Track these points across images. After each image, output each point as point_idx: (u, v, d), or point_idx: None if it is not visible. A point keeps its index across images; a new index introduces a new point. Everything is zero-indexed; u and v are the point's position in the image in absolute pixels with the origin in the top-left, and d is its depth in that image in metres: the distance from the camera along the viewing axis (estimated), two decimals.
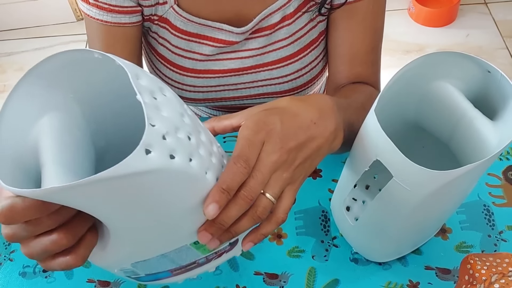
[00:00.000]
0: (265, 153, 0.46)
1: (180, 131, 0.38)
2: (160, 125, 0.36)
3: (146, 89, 0.37)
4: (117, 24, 0.71)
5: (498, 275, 0.52)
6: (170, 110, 0.38)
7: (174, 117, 0.38)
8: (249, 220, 0.46)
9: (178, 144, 0.37)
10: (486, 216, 0.68)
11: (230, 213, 0.44)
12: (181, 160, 0.37)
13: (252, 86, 0.80)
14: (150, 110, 0.35)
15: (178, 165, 0.36)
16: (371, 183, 0.66)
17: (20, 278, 0.66)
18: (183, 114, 0.40)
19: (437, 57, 0.52)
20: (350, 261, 0.65)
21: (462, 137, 0.56)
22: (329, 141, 0.52)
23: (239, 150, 0.45)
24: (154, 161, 0.34)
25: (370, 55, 0.74)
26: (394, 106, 0.56)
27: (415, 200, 0.50)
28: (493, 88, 0.52)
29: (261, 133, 0.46)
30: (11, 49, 2.21)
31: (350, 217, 0.61)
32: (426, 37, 2.08)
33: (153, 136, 0.35)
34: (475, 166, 0.46)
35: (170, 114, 0.37)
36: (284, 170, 0.48)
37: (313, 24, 0.75)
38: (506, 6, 2.16)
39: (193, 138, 0.39)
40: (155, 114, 0.36)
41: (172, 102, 0.39)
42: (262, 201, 0.46)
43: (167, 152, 0.35)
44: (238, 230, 0.46)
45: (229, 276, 0.64)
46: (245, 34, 0.74)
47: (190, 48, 0.75)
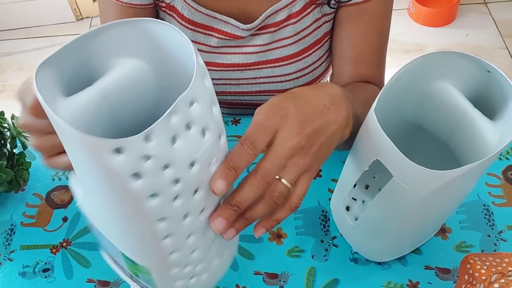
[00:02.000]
0: (282, 138, 0.45)
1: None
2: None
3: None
4: (128, 5, 0.72)
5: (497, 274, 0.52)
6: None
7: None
8: (265, 205, 0.45)
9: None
10: (486, 216, 0.68)
11: (245, 195, 0.43)
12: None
13: (254, 83, 0.80)
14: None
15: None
16: (371, 183, 0.66)
17: (20, 278, 0.66)
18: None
19: (436, 57, 0.52)
20: (349, 261, 0.65)
21: (462, 137, 0.56)
22: (342, 128, 0.51)
23: (248, 133, 0.44)
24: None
25: (375, 56, 0.74)
26: (394, 106, 0.56)
27: (415, 200, 0.50)
28: (493, 88, 0.52)
29: (275, 118, 0.45)
30: (11, 49, 2.21)
31: (350, 217, 0.61)
32: (426, 36, 2.08)
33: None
34: (474, 166, 0.46)
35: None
36: (302, 156, 0.46)
37: (318, 24, 0.75)
38: (506, 6, 2.16)
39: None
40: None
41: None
42: (278, 187, 0.45)
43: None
44: (253, 216, 0.45)
45: (229, 276, 0.64)
46: (251, 31, 0.74)
47: (196, 39, 0.76)
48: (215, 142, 0.39)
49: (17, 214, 0.73)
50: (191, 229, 0.42)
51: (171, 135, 0.35)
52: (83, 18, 2.30)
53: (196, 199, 0.40)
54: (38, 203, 0.74)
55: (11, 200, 0.74)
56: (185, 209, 0.40)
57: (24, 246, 0.69)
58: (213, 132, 0.38)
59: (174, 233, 0.41)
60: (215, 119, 0.39)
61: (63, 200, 0.74)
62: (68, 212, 0.72)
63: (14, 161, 0.71)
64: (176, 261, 0.44)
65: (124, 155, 0.34)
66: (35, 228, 0.71)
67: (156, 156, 0.35)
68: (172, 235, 0.41)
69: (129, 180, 0.35)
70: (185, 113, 0.36)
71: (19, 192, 0.75)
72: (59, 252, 0.68)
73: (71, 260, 0.67)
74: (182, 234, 0.42)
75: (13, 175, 0.71)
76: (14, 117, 0.74)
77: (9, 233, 0.71)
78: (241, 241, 0.67)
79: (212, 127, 0.38)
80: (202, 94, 0.37)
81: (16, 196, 0.75)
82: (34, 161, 0.77)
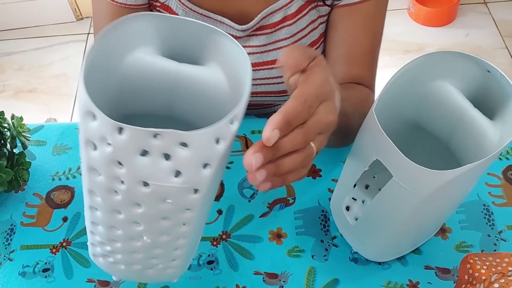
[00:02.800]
0: (326, 109, 0.45)
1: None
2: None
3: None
4: (122, 5, 0.72)
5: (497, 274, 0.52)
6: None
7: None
8: (295, 159, 0.44)
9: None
10: (486, 216, 0.68)
11: (286, 144, 0.42)
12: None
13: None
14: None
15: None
16: (371, 183, 0.66)
17: (20, 278, 0.66)
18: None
19: (436, 56, 0.52)
20: (349, 260, 0.65)
21: (462, 137, 0.56)
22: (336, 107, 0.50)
23: (311, 88, 0.43)
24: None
25: (367, 58, 0.74)
26: (394, 106, 0.56)
27: (415, 199, 0.50)
28: (493, 87, 0.52)
29: (328, 87, 0.45)
30: (11, 49, 2.21)
31: (350, 216, 0.61)
32: (426, 36, 2.08)
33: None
34: (474, 166, 0.46)
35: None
36: (327, 132, 0.46)
37: (314, 26, 0.75)
38: (506, 5, 2.16)
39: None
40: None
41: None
42: (309, 148, 0.45)
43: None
44: (283, 164, 0.44)
45: (229, 276, 0.64)
46: (246, 32, 0.74)
47: None
48: (184, 190, 0.39)
49: (17, 214, 0.73)
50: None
51: (215, 138, 0.38)
52: (83, 18, 2.30)
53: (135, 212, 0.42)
54: (38, 203, 0.74)
55: (11, 200, 0.74)
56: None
57: (24, 246, 0.69)
58: (188, 177, 0.39)
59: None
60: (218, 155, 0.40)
61: (63, 200, 0.74)
62: (68, 212, 0.72)
63: (14, 161, 0.71)
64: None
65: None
66: (35, 228, 0.71)
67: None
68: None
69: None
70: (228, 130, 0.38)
71: (19, 192, 0.75)
72: (59, 252, 0.68)
73: (71, 260, 0.67)
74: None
75: (13, 175, 0.71)
76: (14, 117, 0.74)
77: (9, 233, 0.71)
78: (241, 241, 0.67)
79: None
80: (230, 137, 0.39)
81: (16, 196, 0.75)
82: (34, 161, 0.78)
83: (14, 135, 0.73)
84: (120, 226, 0.43)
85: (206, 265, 0.66)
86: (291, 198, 0.71)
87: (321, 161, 0.74)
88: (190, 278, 0.65)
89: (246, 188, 0.72)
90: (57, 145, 0.80)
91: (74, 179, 0.76)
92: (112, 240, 0.46)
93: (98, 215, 0.43)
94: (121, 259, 0.49)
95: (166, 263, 0.50)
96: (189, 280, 0.64)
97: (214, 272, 0.65)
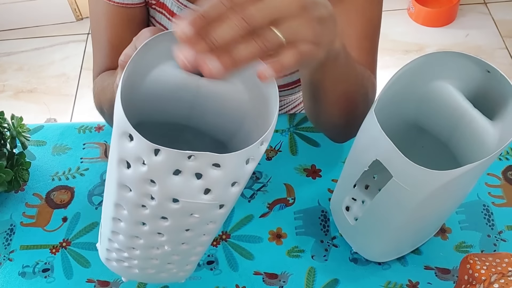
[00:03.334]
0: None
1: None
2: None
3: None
4: (120, 4, 0.72)
5: (497, 275, 0.52)
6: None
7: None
8: (250, 44, 0.38)
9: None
10: (486, 216, 0.68)
11: (218, 30, 0.37)
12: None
13: None
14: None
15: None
16: (371, 183, 0.66)
17: (20, 278, 0.66)
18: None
19: (436, 57, 0.52)
20: (349, 261, 0.65)
21: (462, 137, 0.56)
22: (335, 20, 0.46)
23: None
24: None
25: (363, 42, 0.73)
26: (394, 106, 0.56)
27: (415, 200, 0.50)
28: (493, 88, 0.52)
29: None
30: (11, 49, 2.21)
31: (350, 217, 0.61)
32: (426, 37, 2.08)
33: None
34: (474, 166, 0.46)
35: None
36: (301, 17, 0.41)
37: None
38: (506, 6, 2.16)
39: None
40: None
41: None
42: (267, 33, 0.39)
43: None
44: (239, 53, 0.38)
45: (229, 276, 0.64)
46: None
47: None
48: (211, 206, 0.41)
49: (17, 214, 0.73)
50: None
51: (246, 159, 0.39)
52: (83, 18, 2.30)
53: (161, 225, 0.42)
54: (38, 203, 0.74)
55: (11, 200, 0.74)
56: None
57: (24, 246, 0.69)
58: (219, 196, 0.40)
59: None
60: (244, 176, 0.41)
61: (63, 200, 0.74)
62: (68, 212, 0.72)
63: (14, 161, 0.71)
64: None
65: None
66: (35, 228, 0.71)
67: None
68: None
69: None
70: (256, 152, 0.39)
71: (19, 192, 0.75)
72: (58, 252, 0.68)
73: (70, 260, 0.67)
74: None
75: (13, 175, 0.71)
76: (14, 117, 0.74)
77: (9, 233, 0.71)
78: (241, 241, 0.67)
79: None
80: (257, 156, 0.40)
81: (16, 196, 0.75)
82: (34, 161, 0.77)
83: (14, 135, 0.73)
84: (143, 236, 0.44)
85: (206, 265, 0.66)
86: (291, 198, 0.71)
87: (321, 161, 0.74)
88: (190, 278, 0.65)
89: (246, 188, 0.72)
90: (57, 145, 0.80)
91: (74, 179, 0.76)
92: (131, 247, 0.47)
93: (121, 226, 0.44)
94: (137, 264, 0.49)
95: (180, 268, 0.51)
96: (189, 280, 0.64)
97: (214, 272, 0.65)
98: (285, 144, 0.77)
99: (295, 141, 0.77)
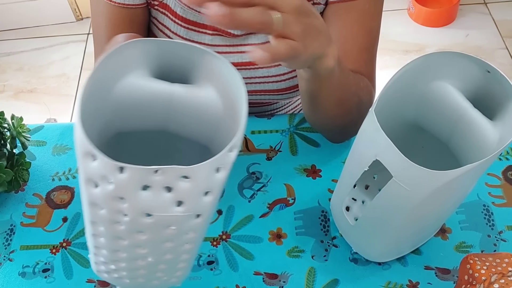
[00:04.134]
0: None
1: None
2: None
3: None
4: (120, 5, 0.72)
5: (497, 275, 0.52)
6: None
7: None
8: (250, 10, 0.44)
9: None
10: (486, 216, 0.68)
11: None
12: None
13: (249, 82, 0.80)
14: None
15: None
16: (371, 183, 0.66)
17: (20, 278, 0.66)
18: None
19: (436, 57, 0.52)
20: (349, 261, 0.65)
21: (462, 137, 0.56)
22: (329, 36, 0.53)
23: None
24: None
25: (363, 54, 0.74)
26: (393, 106, 0.56)
27: (415, 200, 0.50)
28: (493, 88, 0.52)
29: None
30: (11, 49, 2.21)
31: (350, 217, 0.61)
32: (426, 37, 2.08)
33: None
34: (474, 166, 0.46)
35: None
36: (294, 16, 0.47)
37: None
38: (506, 6, 2.16)
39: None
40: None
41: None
42: (266, 11, 0.45)
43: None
44: (239, 13, 0.43)
45: (229, 276, 0.64)
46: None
47: (189, 37, 0.75)
48: (186, 217, 0.40)
49: (17, 214, 0.73)
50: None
51: (215, 168, 0.38)
52: (83, 18, 2.30)
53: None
54: (38, 203, 0.74)
55: (11, 200, 0.74)
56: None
57: (24, 246, 0.69)
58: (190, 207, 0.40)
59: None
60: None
61: (63, 200, 0.74)
62: (68, 212, 0.72)
63: (14, 161, 0.71)
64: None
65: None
66: (35, 228, 0.71)
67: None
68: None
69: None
70: (225, 160, 0.39)
71: (19, 192, 0.75)
72: (59, 252, 0.68)
73: (71, 260, 0.67)
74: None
75: (13, 175, 0.71)
76: (14, 117, 0.74)
77: (9, 233, 0.71)
78: (241, 241, 0.67)
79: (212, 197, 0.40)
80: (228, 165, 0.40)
81: (16, 196, 0.75)
82: (34, 161, 0.77)
83: (14, 135, 0.73)
84: (124, 250, 0.44)
85: (206, 265, 0.66)
86: (291, 198, 0.71)
87: (321, 161, 0.74)
88: (190, 278, 0.65)
89: (246, 189, 0.72)
90: (57, 146, 0.80)
91: (74, 179, 0.76)
92: (116, 261, 0.46)
93: (101, 241, 0.44)
94: (126, 275, 0.49)
95: (171, 275, 0.51)
96: (189, 280, 0.64)
97: (214, 272, 0.65)
98: (285, 144, 0.77)
99: (295, 141, 0.77)
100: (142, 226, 0.40)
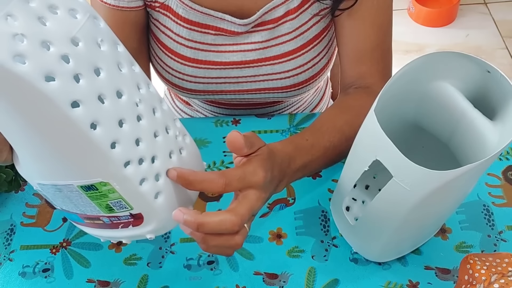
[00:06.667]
0: (255, 198, 0.51)
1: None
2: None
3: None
4: (115, 7, 0.72)
5: (497, 275, 0.52)
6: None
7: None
8: (224, 239, 0.50)
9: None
10: (486, 216, 0.68)
11: (209, 225, 0.48)
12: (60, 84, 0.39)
13: (253, 81, 0.80)
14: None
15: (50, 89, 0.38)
16: (371, 183, 0.66)
17: (20, 278, 0.66)
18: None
19: (436, 57, 0.52)
20: (349, 261, 0.65)
21: (462, 137, 0.56)
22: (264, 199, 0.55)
23: (247, 210, 0.50)
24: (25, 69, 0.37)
25: (375, 52, 0.74)
26: (393, 106, 0.56)
27: (415, 200, 0.50)
28: (493, 88, 0.52)
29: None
30: None
31: (350, 217, 0.61)
32: (426, 37, 2.08)
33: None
34: (474, 166, 0.46)
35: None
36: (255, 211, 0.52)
37: (316, 19, 0.75)
38: (506, 6, 2.16)
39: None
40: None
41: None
42: (244, 231, 0.51)
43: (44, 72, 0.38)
44: (209, 242, 0.50)
45: (229, 276, 0.64)
46: (248, 26, 0.74)
47: (192, 38, 0.75)
48: (89, 22, 0.42)
49: (17, 214, 0.73)
50: (118, 114, 0.43)
51: (36, 16, 0.38)
52: None
53: (103, 79, 0.42)
54: (38, 203, 0.74)
55: (11, 200, 0.74)
56: (96, 89, 0.41)
57: (24, 246, 0.69)
58: (83, 14, 0.41)
59: (100, 120, 0.42)
60: (80, 2, 0.42)
61: None
62: None
63: None
64: (122, 155, 0.44)
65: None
66: (35, 228, 0.71)
67: (27, 34, 0.37)
68: (99, 124, 0.42)
69: (15, 64, 0.37)
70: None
71: (19, 192, 0.75)
72: (59, 252, 0.68)
73: (71, 260, 0.67)
74: (110, 120, 0.43)
75: (13, 175, 0.71)
76: None
77: (9, 233, 0.71)
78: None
79: (80, 9, 0.41)
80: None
81: (16, 196, 0.75)
82: None
83: None
84: (118, 112, 0.43)
85: (206, 265, 0.66)
86: (291, 198, 0.71)
87: None
88: (190, 278, 0.65)
89: None
90: None
91: None
92: (133, 142, 0.45)
93: (102, 130, 0.42)
94: (162, 164, 0.48)
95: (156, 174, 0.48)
96: (189, 281, 0.64)
97: (214, 272, 0.65)
98: None
99: None
100: (84, 56, 0.41)
